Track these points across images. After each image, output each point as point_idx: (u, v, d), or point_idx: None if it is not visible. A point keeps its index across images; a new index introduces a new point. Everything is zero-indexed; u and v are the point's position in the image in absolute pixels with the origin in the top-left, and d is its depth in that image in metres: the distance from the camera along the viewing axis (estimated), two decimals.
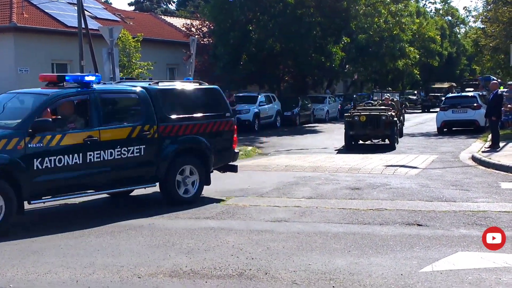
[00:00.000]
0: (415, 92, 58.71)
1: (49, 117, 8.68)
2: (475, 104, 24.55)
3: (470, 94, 28.24)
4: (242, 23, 32.34)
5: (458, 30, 72.30)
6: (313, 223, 8.49)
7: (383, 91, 38.87)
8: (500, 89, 19.67)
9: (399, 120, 21.81)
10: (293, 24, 31.25)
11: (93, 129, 8.98)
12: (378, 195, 10.51)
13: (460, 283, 5.73)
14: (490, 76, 45.14)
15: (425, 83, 59.41)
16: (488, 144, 17.60)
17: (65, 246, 7.38)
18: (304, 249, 7.06)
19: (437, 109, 30.72)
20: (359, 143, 19.96)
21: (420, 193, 10.60)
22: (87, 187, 9.13)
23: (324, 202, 9.97)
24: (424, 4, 64.75)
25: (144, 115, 9.66)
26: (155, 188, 10.21)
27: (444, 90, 48.82)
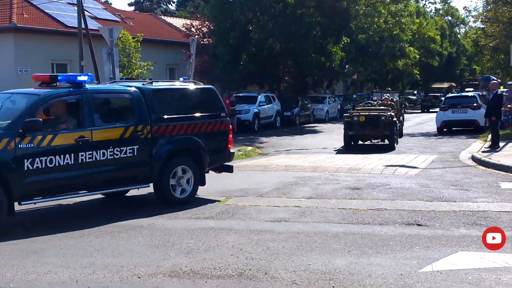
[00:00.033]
0: (415, 92, 58.68)
1: (43, 118, 8.59)
2: (475, 104, 24.56)
3: (470, 94, 28.23)
4: (242, 23, 32.34)
5: (458, 30, 72.40)
6: (313, 223, 8.49)
7: (383, 91, 38.84)
8: (500, 89, 19.67)
9: (399, 120, 21.78)
10: (293, 24, 31.25)
11: (85, 129, 8.90)
12: (378, 195, 10.51)
13: (460, 283, 5.73)
14: (490, 76, 45.13)
15: (425, 83, 59.39)
16: (488, 144, 17.59)
17: (65, 246, 7.38)
18: (304, 249, 7.05)
19: (436, 109, 30.73)
20: (358, 143, 19.96)
21: (420, 193, 10.60)
22: (79, 188, 9.01)
23: (324, 202, 9.97)
24: (424, 4, 64.86)
25: (137, 115, 9.58)
26: None
27: (444, 90, 48.86)
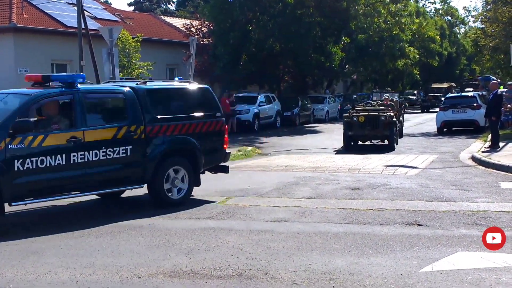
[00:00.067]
0: (415, 92, 58.73)
1: (37, 118, 8.53)
2: (475, 104, 24.57)
3: (470, 94, 28.25)
4: (242, 23, 32.35)
5: (458, 30, 72.41)
6: (313, 223, 8.49)
7: (383, 91, 38.87)
8: (500, 89, 19.67)
9: (399, 120, 21.76)
10: (293, 24, 31.27)
11: (77, 129, 8.81)
12: (378, 195, 10.51)
13: (460, 283, 5.73)
14: (490, 76, 45.11)
15: (425, 83, 59.44)
16: (488, 144, 17.59)
17: (65, 246, 7.37)
18: (304, 249, 7.05)
19: (436, 109, 30.74)
20: (358, 144, 19.95)
21: (420, 193, 10.60)
22: (71, 188, 8.91)
23: (324, 202, 9.97)
24: (424, 4, 64.94)
25: (130, 115, 9.49)
26: None
27: (444, 90, 48.88)
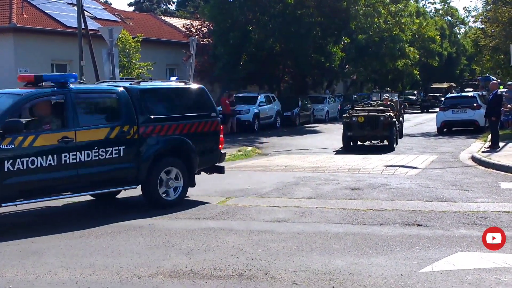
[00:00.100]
0: (415, 92, 58.74)
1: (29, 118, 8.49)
2: (475, 104, 24.57)
3: (469, 94, 28.26)
4: (242, 23, 32.35)
5: (458, 30, 72.46)
6: (313, 224, 8.49)
7: (382, 92, 38.87)
8: (499, 89, 19.68)
9: (398, 120, 21.73)
10: (293, 24, 31.27)
11: (69, 129, 8.71)
12: (378, 195, 10.51)
13: (460, 283, 5.73)
14: (490, 76, 45.10)
15: (425, 83, 59.42)
16: (488, 144, 17.59)
17: (65, 247, 7.37)
18: (304, 249, 7.05)
19: (436, 109, 30.73)
20: (358, 144, 19.93)
21: (420, 193, 10.60)
22: (63, 189, 8.80)
23: (324, 202, 9.96)
24: (424, 4, 64.92)
25: (123, 116, 9.40)
26: None
27: (444, 90, 48.89)
